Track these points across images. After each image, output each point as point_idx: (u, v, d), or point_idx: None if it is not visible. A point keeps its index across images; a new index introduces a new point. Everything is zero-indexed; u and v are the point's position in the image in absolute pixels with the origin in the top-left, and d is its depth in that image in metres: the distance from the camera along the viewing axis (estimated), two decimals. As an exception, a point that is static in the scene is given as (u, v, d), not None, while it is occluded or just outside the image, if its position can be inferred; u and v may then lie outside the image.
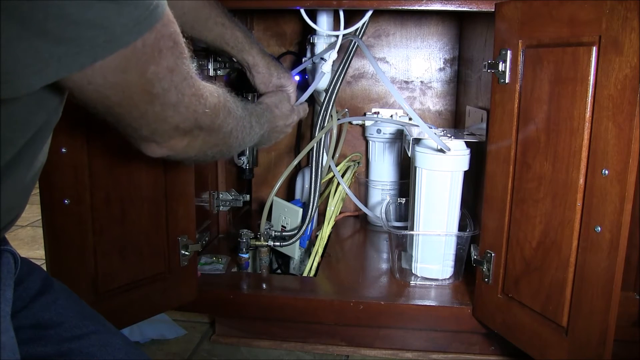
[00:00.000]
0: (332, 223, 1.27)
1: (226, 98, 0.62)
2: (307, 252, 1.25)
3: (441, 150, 0.99)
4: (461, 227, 1.07)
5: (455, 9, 0.93)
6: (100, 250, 0.87)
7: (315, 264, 1.18)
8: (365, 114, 1.48)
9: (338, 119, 1.20)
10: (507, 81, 0.86)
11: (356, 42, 1.10)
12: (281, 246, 1.16)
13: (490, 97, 0.90)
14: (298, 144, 1.50)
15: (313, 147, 1.15)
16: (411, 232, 1.10)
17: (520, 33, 0.83)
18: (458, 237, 1.06)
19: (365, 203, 1.42)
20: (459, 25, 1.42)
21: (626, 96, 0.67)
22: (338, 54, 1.11)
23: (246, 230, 1.12)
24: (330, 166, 1.22)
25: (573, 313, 0.77)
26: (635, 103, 0.66)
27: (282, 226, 1.22)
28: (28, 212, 1.90)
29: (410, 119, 1.37)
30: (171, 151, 0.56)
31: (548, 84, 0.79)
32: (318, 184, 1.15)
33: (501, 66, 0.86)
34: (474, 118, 1.12)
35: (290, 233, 1.17)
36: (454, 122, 1.46)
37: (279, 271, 1.37)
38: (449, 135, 1.06)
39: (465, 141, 1.02)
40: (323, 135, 1.15)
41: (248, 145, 0.78)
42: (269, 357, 1.10)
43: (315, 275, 1.16)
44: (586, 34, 0.72)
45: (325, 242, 1.24)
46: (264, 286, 1.08)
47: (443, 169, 1.01)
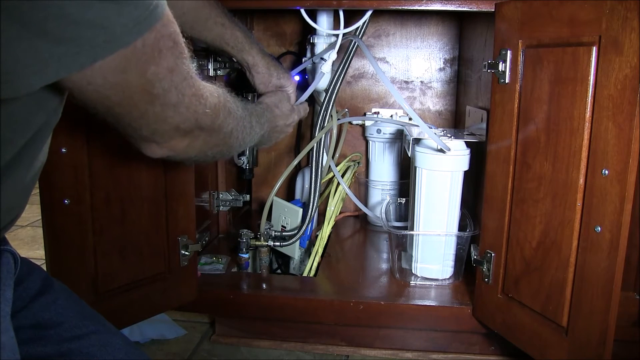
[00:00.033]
0: (332, 223, 1.26)
1: (226, 98, 0.62)
2: (307, 252, 1.25)
3: (441, 150, 0.99)
4: (461, 227, 1.07)
5: (455, 9, 0.93)
6: (100, 250, 0.87)
7: (315, 264, 1.18)
8: (365, 114, 1.48)
9: (338, 119, 1.20)
10: (507, 81, 0.86)
11: (356, 42, 1.10)
12: (281, 246, 1.16)
13: (490, 97, 0.90)
14: (298, 144, 1.50)
15: (313, 147, 1.15)
16: (411, 232, 1.10)
17: (520, 33, 0.83)
18: (458, 237, 1.06)
19: (365, 203, 1.42)
20: (459, 25, 1.42)
21: (626, 96, 0.67)
22: (338, 54, 1.11)
23: (246, 230, 1.12)
24: (330, 166, 1.22)
25: (573, 313, 0.77)
26: (635, 103, 0.66)
27: (282, 226, 1.22)
28: (28, 212, 1.90)
29: (410, 119, 1.37)
30: (172, 151, 0.56)
31: (548, 84, 0.79)
32: (318, 184, 1.15)
33: (501, 66, 0.86)
34: (474, 118, 1.12)
35: (290, 233, 1.17)
36: (454, 122, 1.46)
37: (279, 271, 1.37)
38: (449, 135, 1.06)
39: (465, 141, 1.02)
40: (323, 135, 1.15)
41: (249, 145, 0.78)
42: (269, 357, 1.10)
43: (315, 275, 1.16)
44: (586, 34, 0.72)
45: (325, 242, 1.24)
46: (264, 286, 1.08)
47: (443, 169, 1.01)
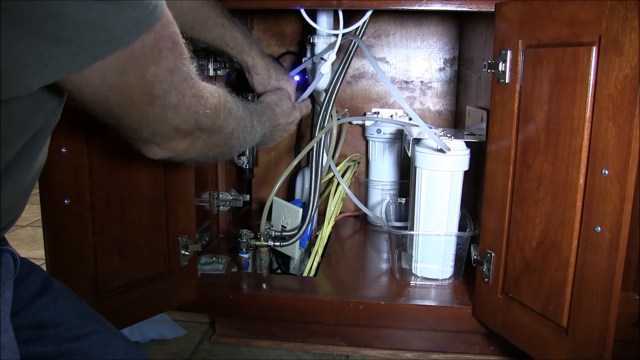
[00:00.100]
0: (332, 223, 1.26)
1: (227, 99, 0.62)
2: (307, 252, 1.25)
3: (441, 150, 0.99)
4: (461, 227, 1.07)
5: (455, 9, 0.93)
6: (100, 250, 0.87)
7: (315, 264, 1.18)
8: (365, 114, 1.48)
9: (338, 119, 1.20)
10: (507, 81, 0.86)
11: (356, 42, 1.10)
12: (281, 246, 1.16)
13: (490, 97, 0.90)
14: (298, 144, 1.50)
15: (313, 147, 1.15)
16: (411, 232, 1.10)
17: (520, 33, 0.83)
18: (458, 237, 1.06)
19: (365, 203, 1.42)
20: (459, 25, 1.41)
21: (626, 96, 0.67)
22: (338, 54, 1.11)
23: (246, 230, 1.12)
24: (330, 166, 1.22)
25: (573, 313, 0.77)
26: (635, 103, 0.66)
27: (282, 226, 1.22)
28: (28, 212, 1.90)
29: (410, 119, 1.37)
30: (172, 153, 0.56)
31: (548, 84, 0.79)
32: (318, 184, 1.15)
33: (501, 66, 0.86)
34: (474, 118, 1.11)
35: (290, 233, 1.17)
36: (454, 122, 1.46)
37: (279, 271, 1.37)
38: (449, 135, 1.06)
39: (465, 141, 1.02)
40: (323, 135, 1.15)
41: (250, 145, 0.78)
42: (269, 357, 1.10)
43: (315, 275, 1.16)
44: (586, 34, 0.72)
45: (325, 242, 1.24)
46: (264, 286, 1.08)
47: (443, 169, 1.01)
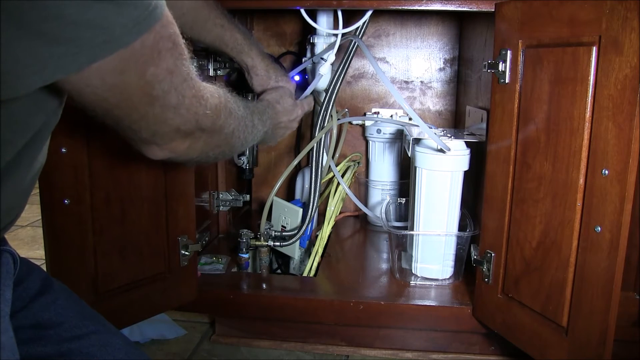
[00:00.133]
0: (332, 223, 1.26)
1: (227, 98, 0.62)
2: (307, 252, 1.25)
3: (441, 150, 0.99)
4: (461, 227, 1.07)
5: (455, 9, 0.93)
6: (100, 250, 0.87)
7: (315, 264, 1.18)
8: (365, 114, 1.48)
9: (338, 119, 1.20)
10: (507, 81, 0.86)
11: (356, 42, 1.10)
12: (281, 246, 1.16)
13: (490, 97, 0.90)
14: (298, 144, 1.50)
15: (313, 147, 1.15)
16: (411, 232, 1.10)
17: (520, 33, 0.83)
18: (458, 237, 1.06)
19: (365, 203, 1.42)
20: (459, 25, 1.41)
21: (626, 96, 0.67)
22: (338, 54, 1.11)
23: (246, 230, 1.12)
24: (330, 166, 1.22)
25: (573, 313, 0.77)
26: (635, 103, 0.66)
27: (282, 226, 1.22)
28: (28, 212, 1.90)
29: (410, 119, 1.37)
30: (172, 153, 0.56)
31: (548, 84, 0.79)
32: (318, 184, 1.15)
33: (501, 66, 0.86)
34: (474, 118, 1.11)
35: (290, 233, 1.17)
36: (454, 122, 1.46)
37: (279, 271, 1.37)
38: (449, 135, 1.06)
39: (465, 141, 1.02)
40: (323, 135, 1.15)
41: (252, 143, 0.77)
42: (269, 357, 1.10)
43: (315, 275, 1.16)
44: (586, 34, 0.72)
45: (325, 242, 1.24)
46: (264, 286, 1.08)
47: (443, 169, 1.01)
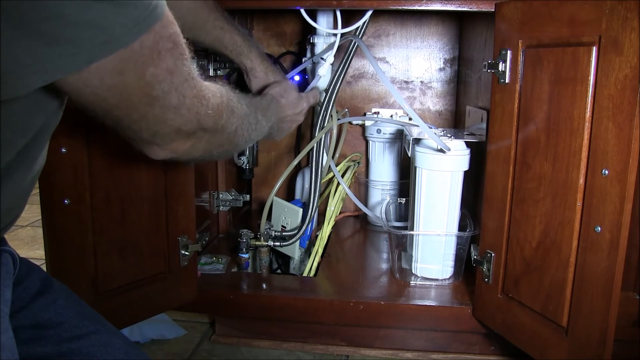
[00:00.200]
0: (332, 223, 1.26)
1: (229, 97, 0.61)
2: (307, 252, 1.25)
3: (441, 150, 0.99)
4: (461, 227, 1.07)
5: (455, 9, 0.93)
6: (100, 250, 0.87)
7: (315, 264, 1.18)
8: (365, 114, 1.48)
9: (338, 119, 1.20)
10: (507, 81, 0.86)
11: (356, 42, 1.10)
12: (281, 246, 1.16)
13: (490, 97, 0.90)
14: (298, 144, 1.50)
15: (313, 147, 1.15)
16: (411, 232, 1.10)
17: (520, 33, 0.83)
18: (458, 237, 1.06)
19: (365, 203, 1.42)
20: (459, 25, 1.41)
21: (626, 96, 0.67)
22: (338, 54, 1.11)
23: (246, 230, 1.12)
24: (330, 166, 1.22)
25: (573, 313, 0.77)
26: (635, 103, 0.66)
27: (282, 226, 1.22)
28: (28, 212, 1.90)
29: (410, 119, 1.37)
30: (174, 153, 0.56)
31: (548, 84, 0.79)
32: (318, 184, 1.15)
33: (501, 66, 0.86)
34: (474, 118, 1.11)
35: (290, 233, 1.17)
36: (454, 122, 1.46)
37: (279, 271, 1.37)
38: (449, 135, 1.06)
39: (465, 141, 1.02)
40: (323, 135, 1.15)
41: (256, 139, 0.77)
42: (269, 357, 1.10)
43: (315, 275, 1.16)
44: (586, 34, 0.72)
45: (325, 242, 1.24)
46: (264, 286, 1.08)
47: (443, 169, 1.01)
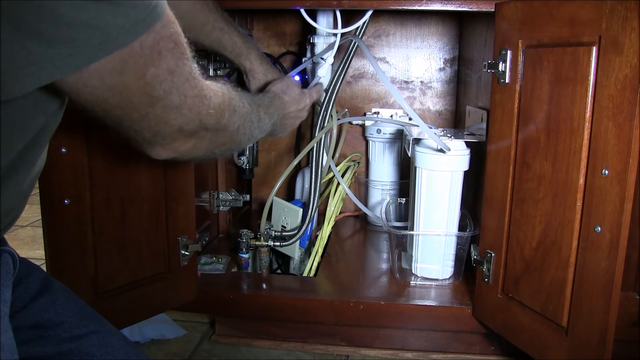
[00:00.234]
0: (332, 223, 1.26)
1: (231, 96, 0.61)
2: (307, 252, 1.25)
3: (441, 150, 0.99)
4: (461, 227, 1.07)
5: (455, 9, 0.93)
6: (100, 250, 0.87)
7: (315, 264, 1.18)
8: (365, 114, 1.48)
9: (338, 119, 1.20)
10: (507, 81, 0.86)
11: (356, 42, 1.10)
12: (281, 246, 1.16)
13: (490, 97, 0.90)
14: (298, 144, 1.50)
15: (313, 147, 1.15)
16: (411, 232, 1.10)
17: (520, 33, 0.83)
18: (458, 237, 1.06)
19: (365, 203, 1.42)
20: (459, 25, 1.41)
21: (626, 96, 0.67)
22: (338, 54, 1.11)
23: (246, 230, 1.12)
24: (330, 166, 1.22)
25: (573, 313, 0.77)
26: (635, 103, 0.66)
27: (282, 226, 1.22)
28: (28, 212, 1.90)
29: (410, 119, 1.37)
30: (177, 153, 0.56)
31: (548, 84, 0.79)
32: (318, 184, 1.15)
33: (501, 66, 0.86)
34: (474, 118, 1.11)
35: (290, 233, 1.17)
36: (454, 122, 1.46)
37: (279, 271, 1.37)
38: (449, 135, 1.06)
39: (465, 141, 1.02)
40: (323, 135, 1.15)
41: (259, 137, 0.77)
42: (269, 357, 1.10)
43: (315, 275, 1.16)
44: (586, 34, 0.72)
45: (325, 242, 1.24)
46: (264, 286, 1.08)
47: (443, 169, 1.01)
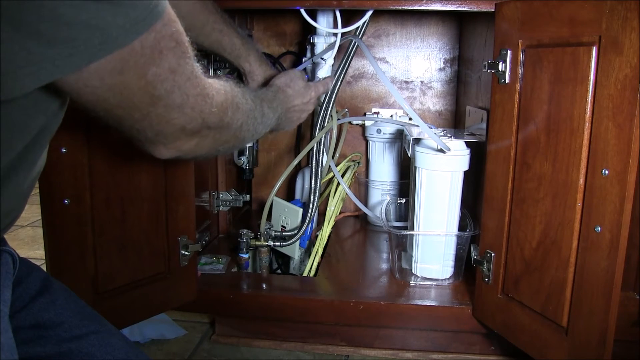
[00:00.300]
0: (332, 223, 1.26)
1: (234, 93, 0.61)
2: (307, 252, 1.25)
3: (441, 150, 0.99)
4: (461, 227, 1.07)
5: (455, 9, 0.93)
6: (100, 250, 0.87)
7: (315, 264, 1.18)
8: (365, 114, 1.48)
9: (338, 119, 1.20)
10: (507, 81, 0.86)
11: (356, 42, 1.10)
12: (281, 246, 1.16)
13: (490, 97, 0.90)
14: (298, 144, 1.50)
15: (313, 147, 1.14)
16: (411, 232, 1.10)
17: (520, 33, 0.83)
18: (458, 237, 1.06)
19: (365, 203, 1.42)
20: (459, 25, 1.41)
21: (626, 96, 0.67)
22: (338, 54, 1.11)
23: (246, 230, 1.12)
24: (330, 166, 1.22)
25: (573, 313, 0.77)
26: (635, 103, 0.66)
27: (282, 226, 1.22)
28: (28, 212, 1.90)
29: (410, 119, 1.37)
30: (180, 152, 0.56)
31: (548, 84, 0.79)
32: (318, 184, 1.15)
33: (501, 66, 0.86)
34: (474, 118, 1.11)
35: (290, 233, 1.17)
36: (454, 122, 1.46)
37: (279, 271, 1.37)
38: (449, 135, 1.06)
39: (465, 141, 1.02)
40: (323, 135, 1.15)
41: (264, 132, 0.76)
42: (269, 357, 1.10)
43: (315, 275, 1.16)
44: (586, 34, 0.72)
45: (325, 242, 1.24)
46: (264, 286, 1.08)
47: (443, 169, 1.01)
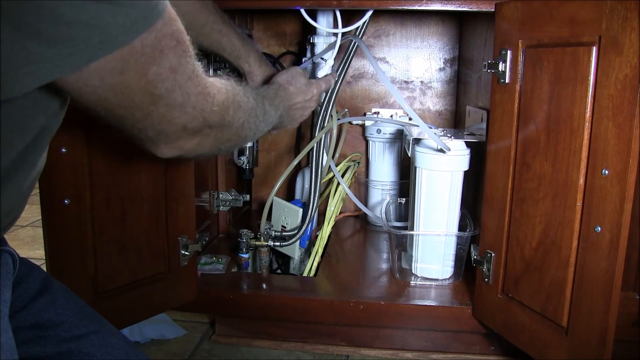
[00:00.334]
0: (332, 223, 1.26)
1: (235, 92, 0.61)
2: (307, 252, 1.25)
3: (441, 150, 0.99)
4: (461, 227, 1.07)
5: (455, 9, 0.93)
6: (100, 250, 0.87)
7: (315, 264, 1.18)
8: (365, 114, 1.48)
9: (338, 119, 1.20)
10: (507, 81, 0.86)
11: (356, 42, 1.10)
12: (281, 246, 1.16)
13: (490, 97, 0.90)
14: (298, 144, 1.50)
15: (313, 147, 1.15)
16: (411, 232, 1.10)
17: (520, 33, 0.83)
18: (458, 237, 1.06)
19: (365, 203, 1.42)
20: (459, 25, 1.41)
21: (626, 96, 0.67)
22: (338, 54, 1.11)
23: (246, 230, 1.12)
24: (330, 166, 1.22)
25: (573, 313, 0.77)
26: (635, 103, 0.66)
27: (282, 226, 1.22)
28: (28, 212, 1.90)
29: (410, 119, 1.37)
30: (181, 151, 0.56)
31: (548, 84, 0.79)
32: (318, 184, 1.15)
33: (501, 66, 0.86)
34: (474, 118, 1.11)
35: (290, 233, 1.17)
36: (454, 122, 1.46)
37: (279, 271, 1.37)
38: (449, 135, 1.06)
39: (465, 141, 1.02)
40: (323, 135, 1.15)
41: (265, 130, 0.76)
42: (269, 357, 1.10)
43: (315, 275, 1.16)
44: (586, 34, 0.72)
45: (325, 242, 1.24)
46: (264, 286, 1.08)
47: (443, 169, 1.01)
